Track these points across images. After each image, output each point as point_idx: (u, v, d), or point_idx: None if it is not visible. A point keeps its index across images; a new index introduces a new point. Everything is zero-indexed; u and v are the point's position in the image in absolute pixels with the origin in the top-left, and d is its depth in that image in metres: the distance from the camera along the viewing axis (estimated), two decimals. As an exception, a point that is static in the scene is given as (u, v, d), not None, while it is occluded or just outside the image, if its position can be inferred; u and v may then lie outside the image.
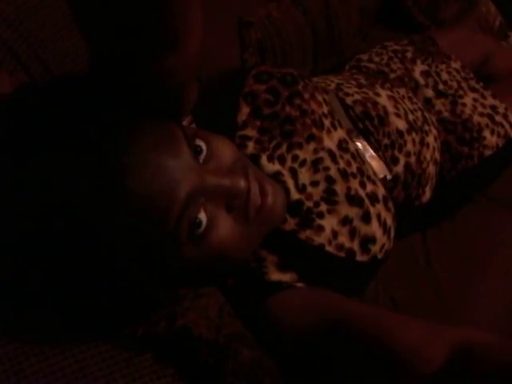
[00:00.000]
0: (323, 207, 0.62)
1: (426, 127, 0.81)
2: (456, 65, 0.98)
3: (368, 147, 0.71)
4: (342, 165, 0.64)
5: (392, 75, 0.93)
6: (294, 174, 0.62)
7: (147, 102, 0.50)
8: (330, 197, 0.62)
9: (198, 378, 0.49)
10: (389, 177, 0.72)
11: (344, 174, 0.63)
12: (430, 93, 0.91)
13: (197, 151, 0.51)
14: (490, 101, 0.93)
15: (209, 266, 0.54)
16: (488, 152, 0.88)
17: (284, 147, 0.63)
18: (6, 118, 0.50)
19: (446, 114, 0.89)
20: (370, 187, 0.65)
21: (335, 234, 0.61)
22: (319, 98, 0.68)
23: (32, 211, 0.45)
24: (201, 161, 0.51)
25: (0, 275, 0.48)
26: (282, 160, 0.62)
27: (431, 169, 0.80)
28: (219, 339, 0.51)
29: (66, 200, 0.45)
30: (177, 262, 0.51)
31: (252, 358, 0.52)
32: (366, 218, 0.62)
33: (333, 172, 0.63)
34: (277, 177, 0.61)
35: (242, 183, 0.52)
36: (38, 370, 0.46)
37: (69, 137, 0.47)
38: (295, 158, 0.63)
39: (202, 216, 0.49)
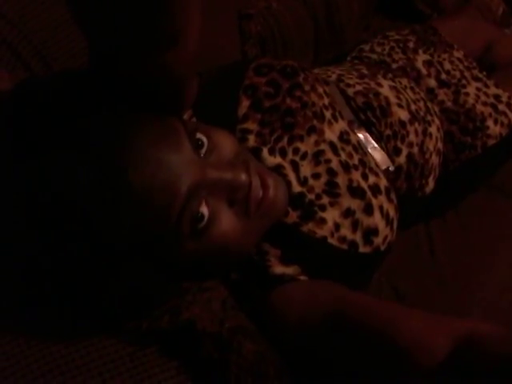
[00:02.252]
0: (325, 200, 0.62)
1: (429, 117, 0.80)
2: (459, 54, 0.97)
3: (370, 138, 0.71)
4: (343, 157, 0.64)
5: (394, 65, 0.92)
6: (295, 166, 0.62)
7: (147, 97, 0.50)
8: (331, 189, 0.62)
9: (202, 372, 0.50)
10: (391, 168, 0.72)
11: (346, 166, 0.63)
12: (432, 83, 0.91)
13: (198, 145, 0.51)
14: (493, 90, 0.92)
15: (211, 260, 0.54)
16: (491, 141, 0.88)
17: (285, 140, 0.63)
18: (5, 115, 0.50)
19: (448, 104, 0.88)
20: (372, 179, 0.64)
21: (337, 226, 0.61)
22: (320, 89, 0.68)
23: (33, 210, 0.45)
24: (202, 154, 0.51)
25: (3, 274, 0.48)
26: (283, 153, 0.62)
27: (434, 159, 0.79)
28: (223, 332, 0.51)
29: (67, 198, 0.45)
30: (179, 256, 0.51)
31: (256, 351, 0.52)
32: (368, 210, 0.62)
33: (334, 164, 0.63)
34: (278, 170, 0.61)
35: (243, 176, 0.52)
36: (44, 364, 0.46)
37: (69, 133, 0.47)
38: (296, 151, 0.63)
39: (204, 210, 0.49)
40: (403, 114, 0.75)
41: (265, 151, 0.62)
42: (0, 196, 0.47)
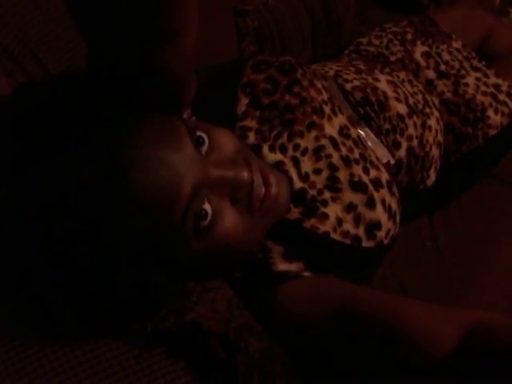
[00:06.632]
0: (327, 195, 0.61)
1: (428, 110, 0.80)
2: (457, 44, 0.96)
3: (370, 133, 0.70)
4: (344, 151, 0.64)
5: (392, 58, 0.92)
6: (296, 162, 0.62)
7: (147, 97, 0.50)
8: (333, 184, 0.62)
9: (209, 372, 0.50)
10: (392, 162, 0.71)
11: (347, 161, 0.63)
12: (431, 74, 0.90)
13: (199, 143, 0.51)
14: (493, 79, 0.92)
15: (215, 258, 0.54)
16: (492, 132, 0.87)
17: (285, 136, 0.62)
18: (5, 119, 0.50)
19: (448, 95, 0.88)
20: (373, 173, 0.64)
21: (340, 221, 0.61)
22: (318, 84, 0.67)
23: (36, 213, 0.45)
24: (203, 153, 0.51)
25: (10, 277, 0.48)
26: (283, 149, 0.62)
27: (434, 151, 0.79)
28: (229, 332, 0.51)
29: (71, 199, 0.45)
30: (183, 256, 0.51)
31: (263, 349, 0.52)
32: (370, 204, 0.62)
33: (335, 159, 0.63)
34: (279, 166, 0.61)
35: (245, 174, 0.51)
36: (50, 369, 0.46)
37: (69, 136, 0.47)
38: (297, 147, 0.62)
39: (207, 208, 0.49)
40: (401, 108, 0.75)
41: (265, 148, 0.61)
42: (2, 201, 0.47)
